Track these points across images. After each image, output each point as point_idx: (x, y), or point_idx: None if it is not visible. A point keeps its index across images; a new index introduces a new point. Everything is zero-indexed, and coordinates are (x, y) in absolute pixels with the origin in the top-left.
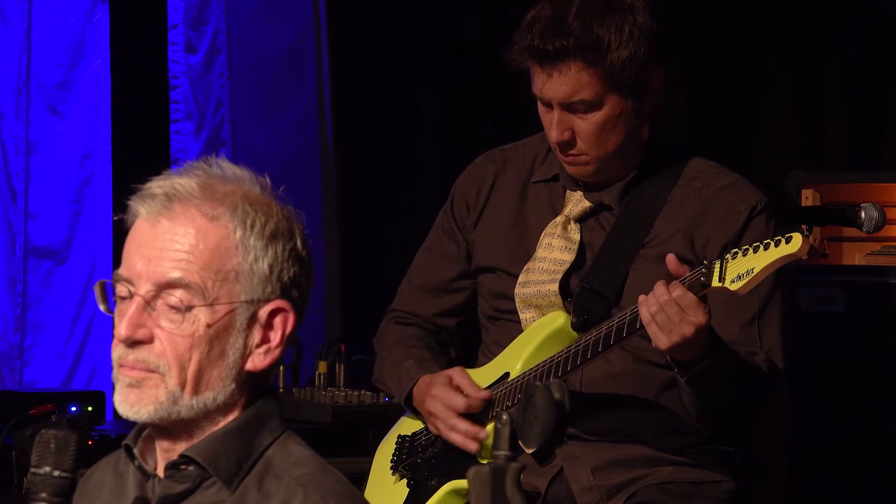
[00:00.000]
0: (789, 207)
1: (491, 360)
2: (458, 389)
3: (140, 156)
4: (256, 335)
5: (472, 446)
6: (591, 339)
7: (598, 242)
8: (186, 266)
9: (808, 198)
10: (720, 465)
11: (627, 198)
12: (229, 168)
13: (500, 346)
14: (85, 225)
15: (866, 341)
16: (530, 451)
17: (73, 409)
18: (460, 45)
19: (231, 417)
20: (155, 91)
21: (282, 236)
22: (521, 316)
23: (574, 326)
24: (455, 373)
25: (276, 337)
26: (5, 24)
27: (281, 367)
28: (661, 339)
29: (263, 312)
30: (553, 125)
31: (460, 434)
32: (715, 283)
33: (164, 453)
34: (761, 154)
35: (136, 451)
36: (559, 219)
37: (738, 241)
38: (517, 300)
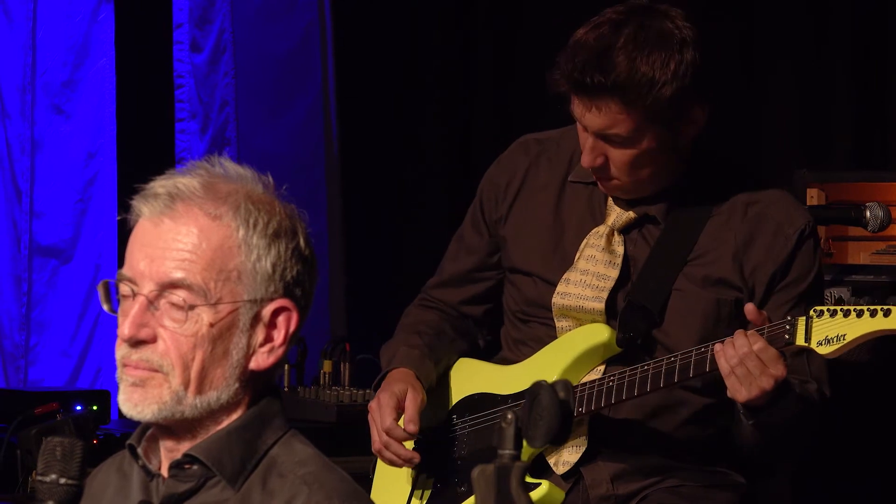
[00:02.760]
0: None
1: (521, 359)
2: (397, 409)
3: (145, 155)
4: (260, 334)
5: (399, 466)
6: (648, 370)
7: (641, 256)
8: (189, 266)
9: (813, 197)
10: (732, 471)
11: (672, 209)
12: (232, 167)
13: (529, 346)
14: (90, 224)
15: (871, 341)
16: (553, 459)
17: (78, 408)
18: (465, 44)
19: (235, 416)
20: (160, 90)
21: (285, 235)
22: (558, 324)
23: (619, 342)
24: (412, 395)
25: (279, 336)
26: (10, 23)
27: (286, 366)
28: (740, 392)
29: (267, 312)
30: (587, 150)
31: (390, 454)
32: (800, 342)
33: (168, 453)
34: (766, 153)
35: (139, 450)
36: (602, 229)
37: (788, 266)
38: (555, 309)
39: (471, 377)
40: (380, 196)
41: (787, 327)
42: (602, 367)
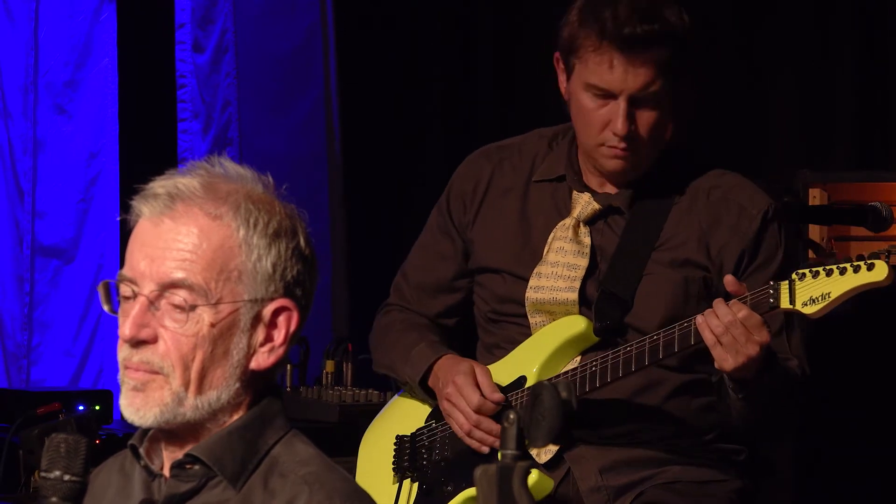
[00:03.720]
0: (796, 207)
1: (498, 360)
2: (477, 386)
3: (147, 155)
4: (260, 334)
5: (484, 450)
6: (632, 350)
7: (609, 246)
8: (190, 266)
9: (815, 197)
10: (727, 465)
11: (635, 200)
12: (232, 167)
13: (503, 348)
14: (92, 224)
15: (873, 341)
16: (536, 450)
17: (81, 408)
18: (467, 43)
19: (236, 417)
20: (162, 90)
21: (285, 235)
22: (531, 320)
23: (596, 331)
24: (479, 367)
25: (279, 336)
26: (12, 23)
27: (288, 366)
28: (727, 360)
29: (267, 311)
30: (621, 116)
31: (481, 433)
32: (785, 304)
33: (171, 454)
34: (768, 153)
35: (141, 450)
36: (568, 221)
37: (756, 247)
38: (528, 304)
39: None
40: (381, 196)
41: (771, 292)
42: (578, 358)
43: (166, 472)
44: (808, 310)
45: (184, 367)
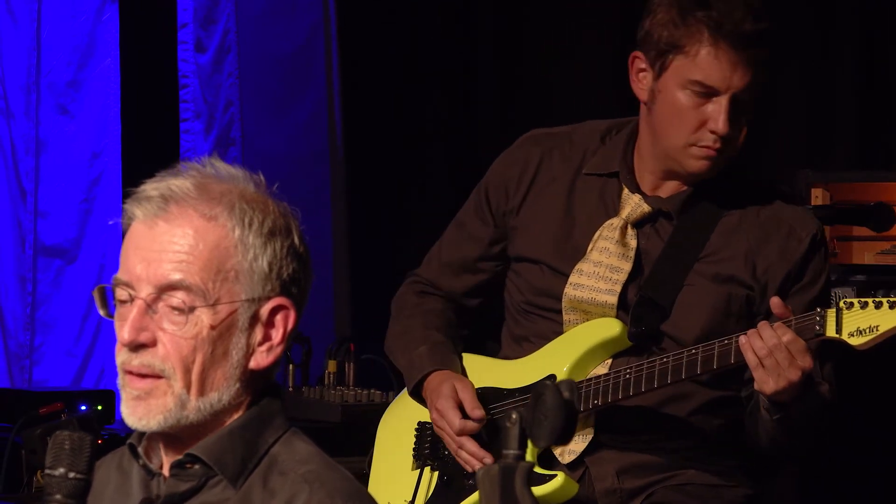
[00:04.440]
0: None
1: (527, 354)
2: (460, 406)
3: (150, 155)
4: (258, 334)
5: (476, 467)
6: (668, 362)
7: (654, 250)
8: (186, 267)
9: (817, 197)
10: (739, 472)
11: (685, 207)
12: (223, 167)
13: (532, 342)
14: (94, 224)
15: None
16: (559, 449)
17: (83, 407)
18: (470, 44)
19: (236, 417)
20: (164, 90)
21: (279, 233)
22: (565, 317)
23: (631, 336)
24: (461, 384)
25: (277, 335)
26: (15, 23)
27: (290, 366)
28: (768, 383)
29: (265, 310)
30: (723, 114)
31: (465, 455)
32: (830, 333)
33: (170, 454)
34: (770, 153)
35: (140, 449)
36: (616, 221)
37: (802, 269)
38: (565, 300)
39: (477, 372)
40: (384, 196)
41: (818, 318)
42: (609, 361)
43: (165, 471)
44: (855, 341)
45: (185, 370)
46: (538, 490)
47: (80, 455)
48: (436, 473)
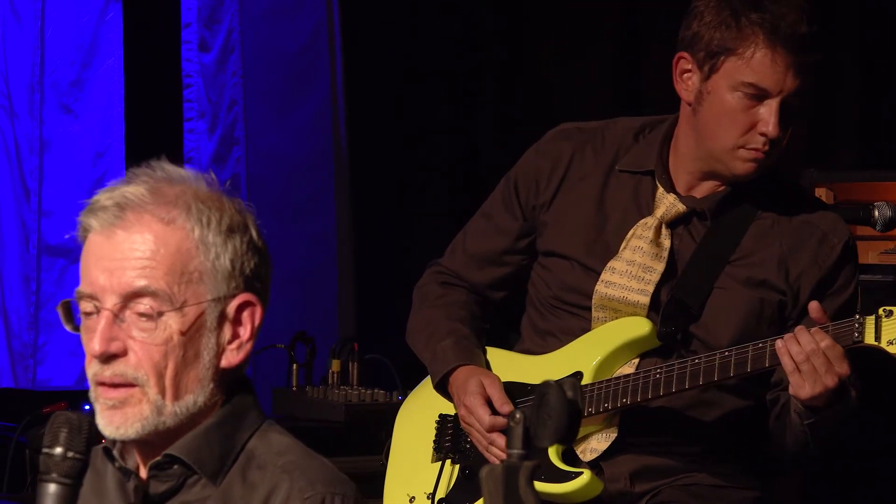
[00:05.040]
0: None
1: (547, 350)
2: (488, 401)
3: (153, 154)
4: (227, 332)
5: None
6: (699, 364)
7: (687, 251)
8: (150, 273)
9: (820, 196)
10: (747, 474)
11: (719, 208)
12: (173, 169)
13: (557, 337)
14: None
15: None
16: (581, 448)
17: (87, 407)
18: (473, 43)
19: (211, 415)
20: (168, 90)
21: (238, 229)
22: (594, 314)
23: (660, 336)
24: (488, 379)
25: (246, 331)
26: (19, 22)
27: (294, 366)
28: (804, 388)
29: (231, 308)
30: (774, 116)
31: (496, 450)
32: (869, 340)
33: (148, 456)
34: None
35: (115, 452)
36: (651, 221)
37: (835, 276)
38: (595, 298)
39: (501, 366)
40: (388, 195)
41: (856, 325)
42: (636, 361)
43: (142, 472)
44: (894, 349)
45: (158, 376)
46: (564, 487)
47: (79, 435)
48: (457, 466)
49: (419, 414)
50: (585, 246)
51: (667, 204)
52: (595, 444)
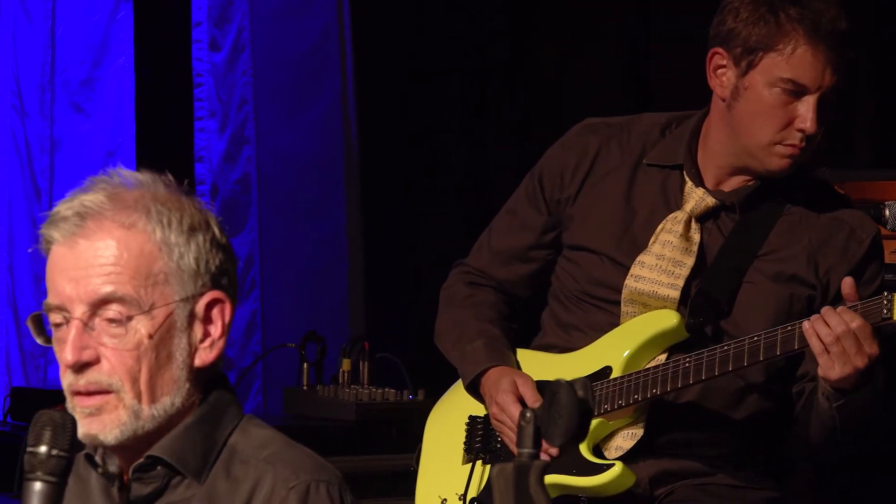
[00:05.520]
0: None
1: (572, 344)
2: (520, 399)
3: (164, 153)
4: (198, 331)
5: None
6: (729, 350)
7: (715, 245)
8: (116, 278)
9: None
10: (764, 475)
11: (748, 202)
12: (130, 174)
13: (583, 332)
14: None
15: (892, 338)
16: (607, 447)
17: None
18: (482, 42)
19: (189, 415)
20: (179, 89)
21: (199, 228)
22: (623, 309)
23: (688, 328)
24: (520, 378)
25: (217, 329)
26: (29, 21)
27: (305, 365)
28: (833, 370)
29: (200, 307)
30: (812, 112)
31: None
32: None
33: (130, 460)
34: None
35: (97, 458)
36: (680, 215)
37: (862, 271)
38: (625, 292)
39: (532, 366)
40: (398, 195)
41: (885, 302)
42: (664, 357)
43: (126, 476)
44: None
45: (132, 381)
46: (597, 479)
47: (63, 433)
48: (487, 467)
49: (449, 416)
50: (614, 240)
51: (696, 198)
52: (621, 441)
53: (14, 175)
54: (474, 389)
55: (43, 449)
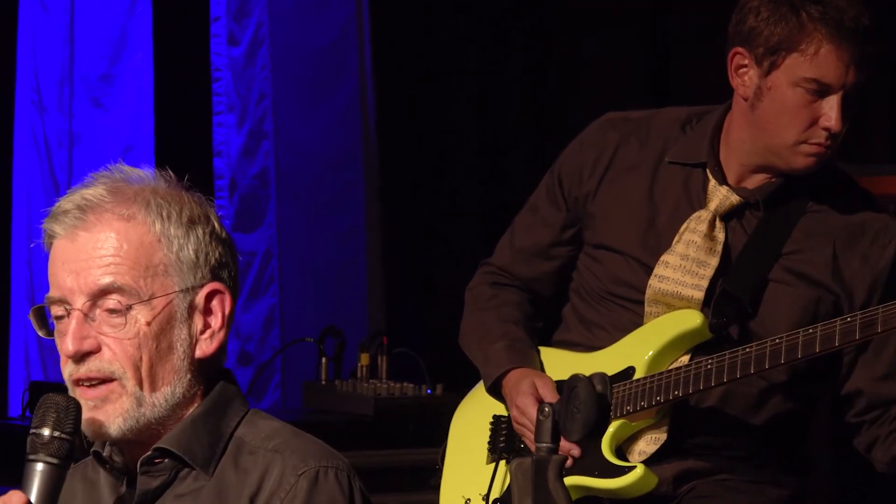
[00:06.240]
0: None
1: (594, 342)
2: (542, 400)
3: (183, 148)
4: (198, 322)
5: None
6: (751, 353)
7: (739, 244)
8: (115, 269)
9: None
10: (785, 473)
11: (771, 199)
12: (132, 171)
13: (606, 330)
14: None
15: None
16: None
17: None
18: (503, 37)
19: (192, 408)
20: (197, 83)
21: (199, 221)
22: (647, 309)
23: (712, 328)
24: (540, 380)
25: (217, 321)
26: (48, 16)
27: (323, 360)
28: None
29: (200, 298)
30: (836, 110)
31: None
32: None
33: (136, 456)
34: None
35: (105, 455)
36: (704, 214)
37: (887, 277)
38: (648, 293)
39: (554, 365)
40: (417, 189)
41: None
42: (687, 358)
43: (135, 468)
44: None
45: (134, 368)
46: (619, 482)
47: (67, 417)
48: (506, 465)
49: (473, 416)
50: (638, 240)
51: (720, 196)
52: (643, 446)
53: (33, 170)
54: (496, 392)
55: (46, 431)
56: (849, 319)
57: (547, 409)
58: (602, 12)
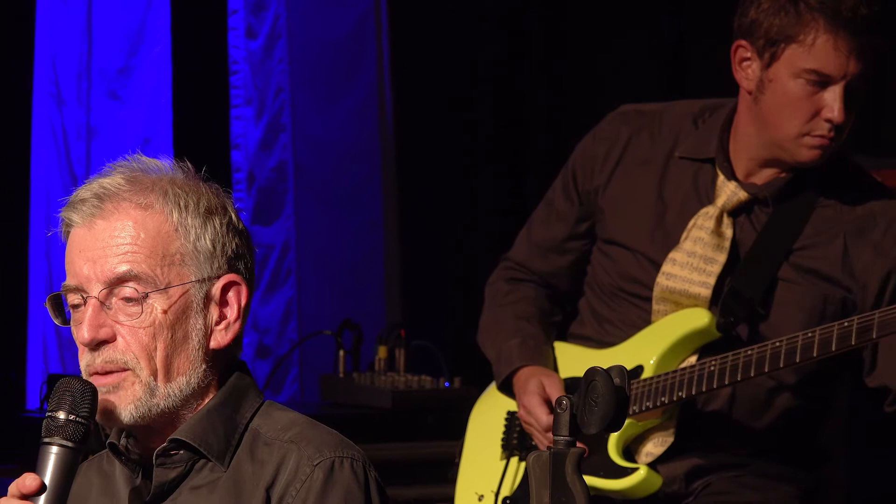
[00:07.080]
0: None
1: (606, 338)
2: (546, 402)
3: (200, 141)
4: (214, 313)
5: None
6: (752, 355)
7: (748, 240)
8: (132, 258)
9: None
10: (797, 468)
11: (781, 194)
12: (150, 161)
13: (618, 327)
14: None
15: None
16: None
17: None
18: (520, 29)
19: (208, 399)
20: (215, 76)
21: (216, 212)
22: (655, 307)
23: (720, 327)
24: (548, 379)
25: (233, 312)
26: (66, 9)
27: (341, 352)
28: None
29: (216, 289)
30: (838, 102)
31: None
32: None
33: (151, 448)
34: None
35: (121, 447)
36: (712, 210)
37: None
38: (656, 290)
39: (566, 362)
40: (435, 182)
41: None
42: (694, 358)
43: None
44: None
45: (148, 358)
46: (622, 482)
47: (83, 401)
48: (522, 464)
49: (489, 412)
50: (647, 237)
51: (728, 192)
52: (651, 447)
53: (51, 162)
54: (507, 389)
55: (62, 414)
56: (846, 324)
57: (564, 402)
58: (621, 9)
